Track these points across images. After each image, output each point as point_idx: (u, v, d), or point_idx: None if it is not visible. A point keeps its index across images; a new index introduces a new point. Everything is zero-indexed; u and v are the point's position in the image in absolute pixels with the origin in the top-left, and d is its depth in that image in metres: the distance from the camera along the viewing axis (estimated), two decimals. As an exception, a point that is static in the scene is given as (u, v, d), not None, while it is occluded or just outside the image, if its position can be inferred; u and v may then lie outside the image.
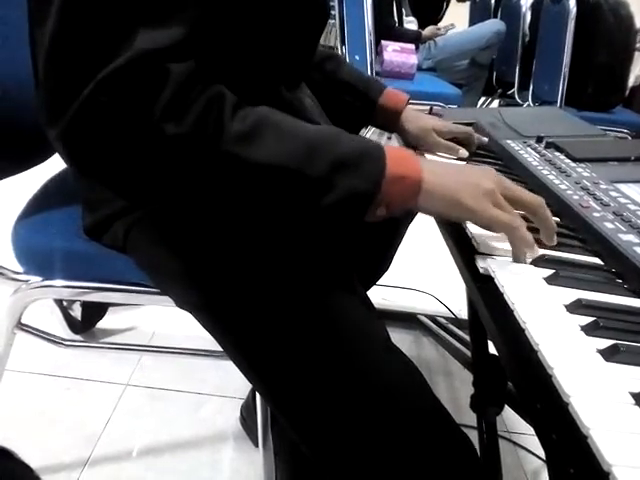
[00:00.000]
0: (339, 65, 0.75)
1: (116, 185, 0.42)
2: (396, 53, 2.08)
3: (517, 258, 0.44)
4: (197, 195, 0.42)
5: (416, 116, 0.74)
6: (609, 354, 0.34)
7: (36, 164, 0.72)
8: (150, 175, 0.40)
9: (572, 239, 0.50)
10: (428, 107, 0.90)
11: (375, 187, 0.42)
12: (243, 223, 0.49)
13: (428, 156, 0.71)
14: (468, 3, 3.26)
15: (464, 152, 0.71)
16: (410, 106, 0.75)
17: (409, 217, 0.84)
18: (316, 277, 0.48)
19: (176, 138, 0.38)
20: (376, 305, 0.51)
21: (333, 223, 0.46)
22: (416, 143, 0.74)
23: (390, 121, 0.74)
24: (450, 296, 1.32)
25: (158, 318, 1.24)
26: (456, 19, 3.00)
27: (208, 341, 0.52)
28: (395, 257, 0.87)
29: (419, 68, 2.28)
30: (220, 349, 0.51)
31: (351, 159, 0.42)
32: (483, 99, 2.85)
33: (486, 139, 0.76)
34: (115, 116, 0.37)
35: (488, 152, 0.76)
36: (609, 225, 0.51)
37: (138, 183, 0.41)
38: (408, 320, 1.31)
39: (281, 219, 0.47)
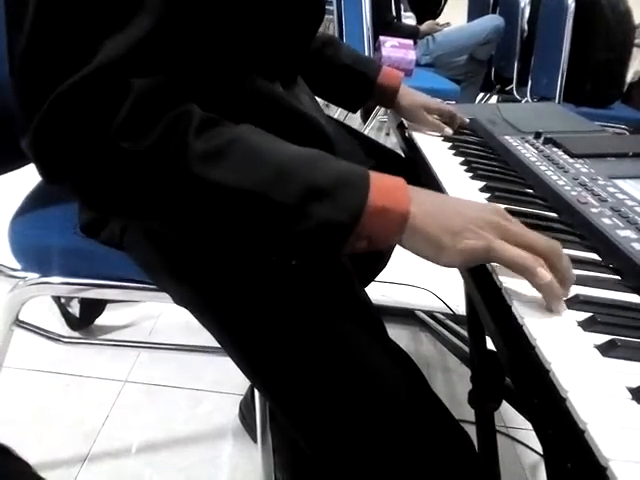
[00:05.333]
0: (338, 49, 0.78)
1: (84, 197, 0.41)
2: (394, 49, 2.07)
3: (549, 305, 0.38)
4: (164, 213, 0.40)
5: (409, 93, 0.81)
6: (606, 349, 0.34)
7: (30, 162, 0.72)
8: (114, 189, 0.39)
9: (570, 235, 0.50)
10: None
11: (352, 219, 0.38)
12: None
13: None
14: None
15: (449, 130, 0.80)
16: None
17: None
18: (312, 271, 0.48)
19: (133, 155, 0.37)
20: (374, 301, 0.50)
21: (309, 254, 0.41)
22: (408, 118, 0.83)
23: (387, 98, 0.81)
24: (448, 292, 1.33)
25: (156, 314, 1.24)
26: (455, 14, 2.99)
27: (206, 337, 0.52)
28: (393, 253, 0.87)
29: (417, 64, 2.27)
30: (218, 345, 0.51)
31: (327, 187, 0.38)
32: (482, 95, 2.85)
33: (467, 120, 0.85)
34: (71, 132, 0.36)
35: (486, 148, 0.76)
36: (607, 221, 0.51)
37: (103, 197, 0.40)
38: (406, 316, 1.32)
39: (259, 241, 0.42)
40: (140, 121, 0.37)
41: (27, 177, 0.75)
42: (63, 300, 1.16)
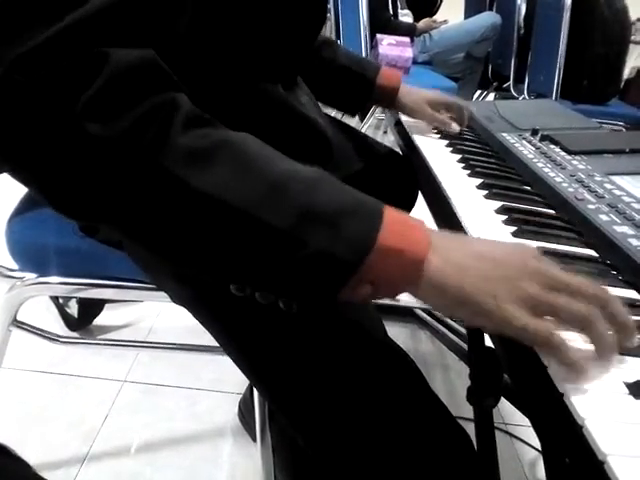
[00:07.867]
0: (336, 51, 0.77)
1: (32, 183, 0.33)
2: (391, 47, 2.07)
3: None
4: (124, 216, 0.33)
5: (410, 91, 0.79)
6: (604, 345, 0.34)
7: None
8: (71, 178, 0.32)
9: (567, 231, 0.50)
10: None
11: (357, 256, 0.32)
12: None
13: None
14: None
15: (456, 127, 0.77)
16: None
17: (408, 208, 0.84)
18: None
19: (100, 141, 0.30)
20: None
21: (298, 294, 0.35)
22: (412, 116, 0.80)
23: (388, 98, 0.79)
24: (446, 289, 1.33)
25: (155, 314, 1.23)
26: (451, 12, 2.99)
27: (205, 337, 0.52)
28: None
29: (414, 61, 2.27)
30: (217, 344, 0.51)
31: (330, 213, 0.32)
32: (479, 92, 2.84)
33: (473, 108, 0.84)
34: (30, 101, 0.30)
35: (484, 145, 0.76)
36: (604, 217, 0.51)
37: (56, 185, 0.32)
38: (405, 314, 1.32)
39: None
40: (113, 100, 0.30)
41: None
42: (61, 300, 1.15)
